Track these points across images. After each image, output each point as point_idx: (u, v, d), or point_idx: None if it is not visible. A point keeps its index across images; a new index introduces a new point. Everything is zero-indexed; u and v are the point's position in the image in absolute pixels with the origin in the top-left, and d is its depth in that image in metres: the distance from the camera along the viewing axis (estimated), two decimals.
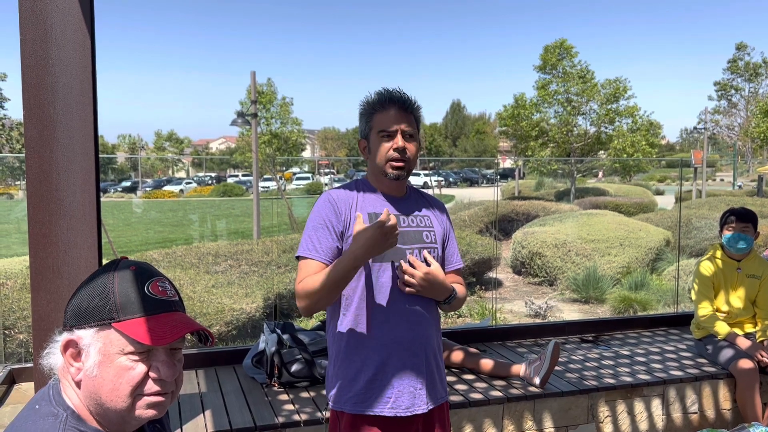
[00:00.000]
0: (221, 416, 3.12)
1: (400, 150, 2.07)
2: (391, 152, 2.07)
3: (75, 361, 1.23)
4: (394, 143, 2.07)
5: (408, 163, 2.10)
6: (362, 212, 2.09)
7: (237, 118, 18.57)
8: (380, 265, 2.06)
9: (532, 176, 31.30)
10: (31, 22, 2.61)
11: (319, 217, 2.08)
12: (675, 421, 3.73)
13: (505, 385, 3.55)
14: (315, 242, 2.06)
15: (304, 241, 2.09)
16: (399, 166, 2.08)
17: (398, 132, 2.07)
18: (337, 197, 2.10)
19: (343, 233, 2.07)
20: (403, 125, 2.08)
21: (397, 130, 2.07)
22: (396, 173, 2.09)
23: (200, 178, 51.79)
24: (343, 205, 2.08)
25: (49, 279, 2.66)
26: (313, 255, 2.05)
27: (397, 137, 2.07)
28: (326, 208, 2.08)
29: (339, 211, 2.07)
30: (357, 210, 2.09)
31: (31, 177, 2.63)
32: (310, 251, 2.05)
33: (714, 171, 47.19)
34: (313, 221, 2.09)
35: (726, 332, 3.90)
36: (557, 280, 11.14)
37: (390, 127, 2.07)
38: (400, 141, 2.07)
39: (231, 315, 7.27)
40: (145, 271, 1.28)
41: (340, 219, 2.07)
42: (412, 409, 2.08)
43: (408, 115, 2.10)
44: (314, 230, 2.07)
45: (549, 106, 27.79)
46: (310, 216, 2.12)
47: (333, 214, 2.07)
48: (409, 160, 2.09)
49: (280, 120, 35.90)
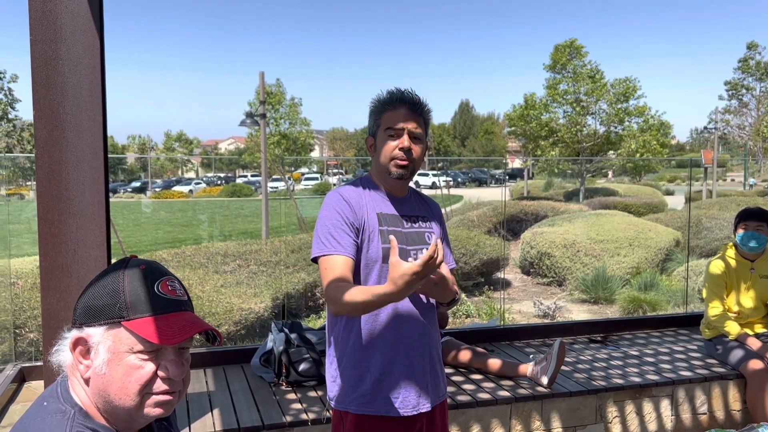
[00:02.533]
0: (229, 415, 3.13)
1: (405, 149, 2.06)
2: (397, 151, 2.07)
3: (84, 359, 1.23)
4: (401, 142, 2.06)
5: (412, 164, 2.09)
6: (372, 211, 2.08)
7: (246, 119, 18.58)
8: (385, 265, 2.06)
9: (541, 176, 31.22)
10: (41, 23, 2.62)
11: (334, 213, 2.04)
12: (684, 421, 3.70)
13: (512, 385, 3.54)
14: (337, 238, 2.00)
15: (324, 238, 2.02)
16: (402, 165, 2.08)
17: (405, 131, 2.07)
18: (349, 195, 2.09)
19: (359, 230, 2.05)
20: (411, 126, 2.07)
21: (404, 129, 2.07)
22: (399, 172, 2.08)
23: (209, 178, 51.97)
24: (356, 203, 2.07)
25: (59, 278, 2.68)
26: (338, 251, 1.99)
27: (404, 137, 2.07)
28: (341, 205, 2.05)
29: (353, 208, 2.06)
30: (368, 209, 2.08)
31: (41, 176, 2.65)
32: (334, 247, 1.99)
33: (725, 171, 46.89)
34: (329, 219, 2.04)
35: (737, 332, 3.87)
36: (566, 280, 11.10)
37: (398, 126, 2.07)
38: (406, 141, 2.06)
39: (239, 315, 7.29)
40: (154, 270, 1.28)
41: (357, 216, 2.05)
42: (418, 407, 2.08)
43: (417, 117, 2.09)
44: (333, 227, 2.02)
45: (559, 105, 27.69)
46: (322, 214, 2.07)
47: (350, 211, 2.04)
48: (413, 160, 2.09)
49: (289, 120, 35.96)
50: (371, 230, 2.06)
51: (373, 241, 2.05)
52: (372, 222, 2.07)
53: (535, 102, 27.55)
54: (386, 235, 2.05)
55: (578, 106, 27.17)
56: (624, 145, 26.79)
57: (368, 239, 2.05)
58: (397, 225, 2.10)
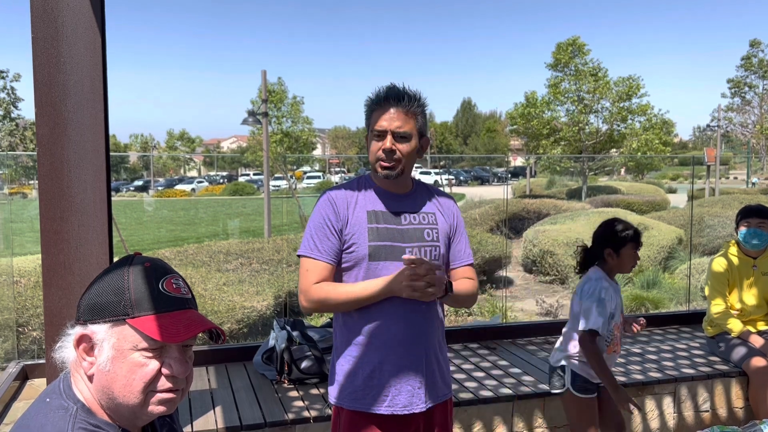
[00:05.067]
0: (231, 412, 3.14)
1: (386, 151, 2.05)
2: (380, 152, 2.07)
3: (88, 356, 1.24)
4: (383, 144, 2.06)
5: (397, 164, 2.07)
6: (361, 210, 2.09)
7: (248, 117, 18.59)
8: (378, 264, 2.06)
9: (544, 174, 31.16)
10: (43, 21, 2.63)
11: (319, 216, 2.10)
12: (686, 419, 3.70)
13: (515, 383, 3.54)
14: (317, 242, 2.08)
15: (306, 240, 2.11)
16: (386, 166, 2.07)
17: (388, 133, 2.05)
18: (335, 197, 2.11)
19: (342, 231, 2.08)
20: (394, 125, 2.04)
21: (387, 130, 2.05)
22: (384, 173, 2.08)
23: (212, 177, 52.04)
24: (342, 204, 2.09)
25: (61, 275, 2.69)
26: (315, 255, 2.07)
27: (387, 138, 2.05)
28: (326, 207, 2.10)
29: (338, 210, 2.08)
30: (356, 208, 2.09)
31: (42, 174, 2.65)
32: (312, 251, 2.08)
33: (727, 169, 46.80)
34: (313, 221, 2.11)
35: (739, 330, 3.86)
36: (568, 278, 11.09)
37: (380, 127, 2.06)
38: (388, 142, 2.05)
39: (242, 313, 7.30)
40: (159, 267, 1.28)
41: (339, 218, 2.08)
42: (409, 407, 2.08)
43: (403, 114, 2.06)
44: (315, 230, 2.10)
45: (561, 104, 27.64)
46: (311, 216, 2.14)
47: (333, 214, 2.08)
48: (398, 160, 2.07)
49: (291, 119, 36.01)
50: (357, 228, 2.07)
51: (359, 239, 2.06)
52: (360, 220, 2.08)
53: (536, 100, 27.50)
54: (375, 232, 2.07)
55: (580, 104, 27.11)
56: (626, 144, 26.73)
57: (353, 237, 2.07)
58: (391, 222, 2.10)
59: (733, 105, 45.74)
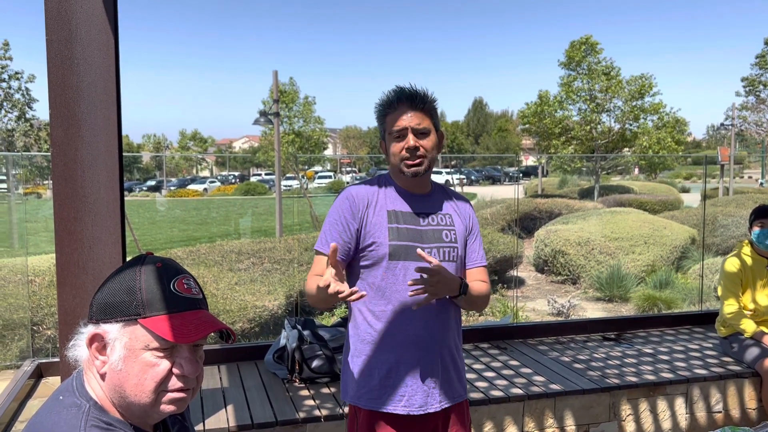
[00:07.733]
0: (243, 411, 3.15)
1: (410, 149, 2.06)
2: (404, 152, 2.07)
3: (100, 355, 1.25)
4: (406, 142, 2.07)
5: (423, 159, 2.09)
6: (382, 209, 2.10)
7: (260, 117, 18.62)
8: (397, 263, 2.06)
9: (556, 174, 31.01)
10: (57, 23, 2.66)
11: (336, 213, 2.11)
12: (699, 420, 3.68)
13: (525, 383, 3.54)
14: (328, 238, 2.09)
15: (322, 235, 2.13)
16: (413, 164, 2.08)
17: (408, 130, 2.07)
18: (356, 195, 2.11)
19: (359, 230, 2.08)
20: (413, 122, 2.06)
21: (407, 128, 2.06)
22: (412, 171, 2.08)
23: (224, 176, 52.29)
24: (362, 202, 2.09)
25: (75, 274, 2.71)
26: (322, 249, 2.10)
27: (408, 137, 2.07)
28: (344, 205, 2.10)
29: (356, 208, 2.08)
30: (377, 207, 2.10)
31: (56, 174, 2.68)
32: (322, 246, 2.11)
33: (741, 168, 46.38)
34: (330, 217, 2.13)
35: (753, 330, 3.84)
36: (580, 278, 11.04)
37: (399, 126, 2.07)
38: (411, 140, 2.06)
39: (253, 312, 7.33)
40: (170, 268, 1.29)
41: (357, 217, 2.08)
42: (425, 407, 2.08)
43: (418, 112, 2.08)
44: (329, 226, 2.11)
45: (573, 103, 27.50)
46: (329, 211, 2.15)
47: (349, 212, 2.08)
48: (423, 156, 2.08)
49: (303, 119, 36.12)
50: (378, 227, 2.07)
51: (380, 237, 2.06)
52: (380, 219, 2.08)
53: (549, 99, 27.38)
54: (395, 232, 2.07)
55: (593, 103, 26.97)
56: (638, 142, 26.54)
57: (373, 236, 2.07)
58: (411, 223, 2.10)
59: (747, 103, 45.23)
